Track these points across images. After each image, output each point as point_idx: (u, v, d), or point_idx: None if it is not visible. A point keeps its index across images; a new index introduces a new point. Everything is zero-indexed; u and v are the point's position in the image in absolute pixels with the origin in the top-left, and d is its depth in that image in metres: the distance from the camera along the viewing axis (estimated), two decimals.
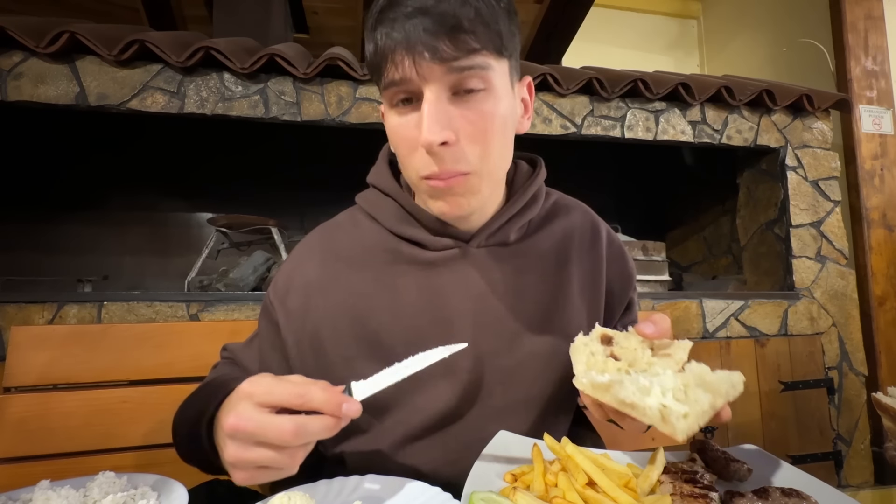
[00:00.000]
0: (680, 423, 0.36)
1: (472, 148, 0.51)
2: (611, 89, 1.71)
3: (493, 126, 0.51)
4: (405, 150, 0.52)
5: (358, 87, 1.56)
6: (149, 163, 2.07)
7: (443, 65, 0.47)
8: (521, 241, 0.63)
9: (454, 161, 0.50)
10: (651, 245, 1.92)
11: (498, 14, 0.50)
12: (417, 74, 0.47)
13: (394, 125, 0.53)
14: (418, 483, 0.45)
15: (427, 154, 0.50)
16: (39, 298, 1.27)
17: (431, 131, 0.47)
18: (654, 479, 0.45)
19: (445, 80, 0.48)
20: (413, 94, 0.50)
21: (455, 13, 0.46)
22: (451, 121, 0.49)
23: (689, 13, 3.32)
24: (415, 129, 0.50)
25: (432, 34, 0.46)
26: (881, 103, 2.12)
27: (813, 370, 1.77)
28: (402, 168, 0.57)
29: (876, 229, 2.02)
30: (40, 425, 0.82)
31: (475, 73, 0.49)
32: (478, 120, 0.50)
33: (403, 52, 0.47)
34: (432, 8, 0.46)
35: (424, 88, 0.48)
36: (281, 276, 0.64)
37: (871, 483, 1.78)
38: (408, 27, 0.46)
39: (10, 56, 1.33)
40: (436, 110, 0.48)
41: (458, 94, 0.50)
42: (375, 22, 0.49)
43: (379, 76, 0.51)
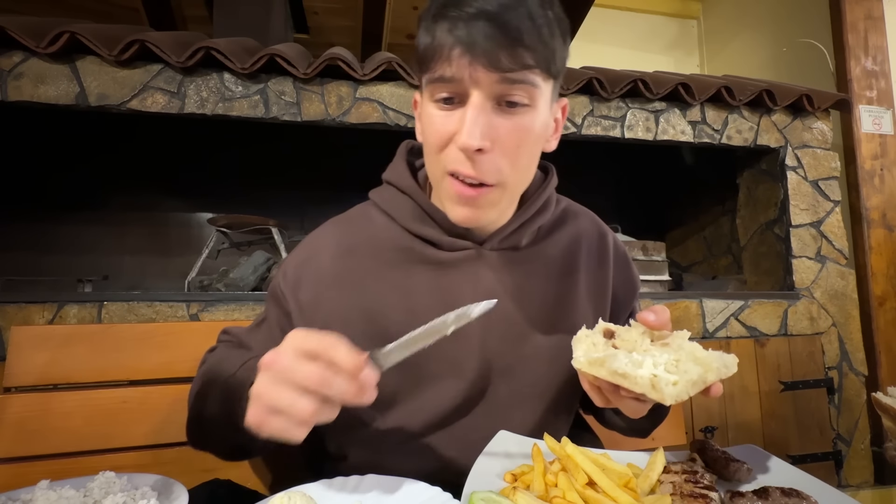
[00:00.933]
0: (668, 389, 0.39)
1: (503, 160, 0.52)
2: (611, 89, 1.71)
3: (526, 142, 0.53)
4: (438, 143, 0.53)
5: (358, 87, 1.56)
6: (149, 163, 2.07)
7: (496, 73, 0.48)
8: (532, 246, 0.64)
9: (483, 170, 0.51)
10: (651, 245, 1.92)
11: (556, 36, 0.51)
12: (470, 77, 0.48)
13: (432, 117, 0.53)
14: (418, 483, 0.45)
15: (461, 153, 0.51)
16: (39, 298, 1.27)
17: (472, 136, 0.48)
18: (654, 479, 0.45)
19: (494, 88, 0.49)
20: (458, 94, 0.50)
21: (518, 26, 0.47)
22: (490, 129, 0.50)
23: (689, 13, 3.32)
24: (453, 126, 0.51)
25: (493, 41, 0.47)
26: (881, 103, 2.12)
27: (813, 370, 1.77)
28: (428, 161, 0.57)
29: (876, 229, 2.02)
30: (40, 425, 0.82)
31: (523, 88, 0.50)
32: (514, 134, 0.51)
33: (462, 52, 0.48)
34: (496, 15, 0.47)
35: (472, 91, 0.49)
36: (291, 267, 0.64)
37: (870, 483, 1.78)
38: (471, 29, 0.47)
39: (10, 56, 1.33)
40: (480, 116, 0.49)
41: (501, 105, 0.50)
42: (437, 16, 0.50)
43: (427, 68, 0.51)
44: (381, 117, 1.57)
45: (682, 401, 0.40)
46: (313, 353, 0.40)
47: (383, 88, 1.58)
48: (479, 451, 0.49)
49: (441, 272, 0.60)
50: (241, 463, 0.91)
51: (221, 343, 0.68)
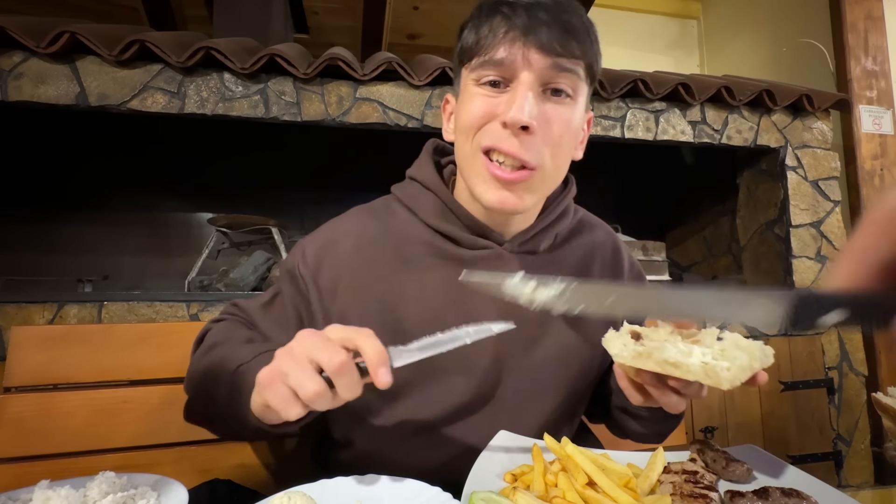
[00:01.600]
0: (724, 374, 0.39)
1: (544, 147, 0.53)
2: (611, 89, 1.71)
3: (567, 133, 0.54)
4: (479, 120, 0.53)
5: (358, 87, 1.56)
6: (149, 163, 2.07)
7: (548, 58, 0.50)
8: (549, 252, 0.66)
9: (525, 149, 0.52)
10: (651, 245, 1.92)
11: (596, 42, 0.55)
12: (523, 58, 0.50)
13: (474, 97, 0.54)
14: (418, 483, 0.45)
15: (503, 129, 0.51)
16: (40, 298, 1.27)
17: (522, 111, 0.50)
18: (654, 479, 0.45)
19: (544, 73, 0.51)
20: (506, 78, 0.52)
21: (570, 20, 0.51)
22: (538, 111, 0.51)
23: (689, 13, 3.32)
24: (497, 106, 0.52)
25: (548, 28, 0.49)
26: (881, 103, 2.12)
27: (813, 370, 1.77)
28: (461, 142, 0.57)
29: None
30: (40, 425, 0.82)
31: (569, 78, 0.52)
32: (558, 122, 0.53)
33: (518, 35, 0.50)
34: (551, 7, 0.51)
35: (522, 73, 0.51)
36: (312, 249, 0.63)
37: (870, 483, 1.78)
38: (528, 16, 0.50)
39: (10, 56, 1.33)
40: (530, 95, 0.50)
41: (546, 94, 0.52)
42: (490, 11, 0.53)
43: (475, 54, 0.53)
44: (381, 117, 1.57)
45: (735, 386, 0.40)
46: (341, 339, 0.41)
47: (383, 88, 1.58)
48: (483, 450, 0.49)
49: (459, 269, 0.61)
50: (241, 463, 0.91)
51: (229, 317, 0.66)
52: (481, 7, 0.54)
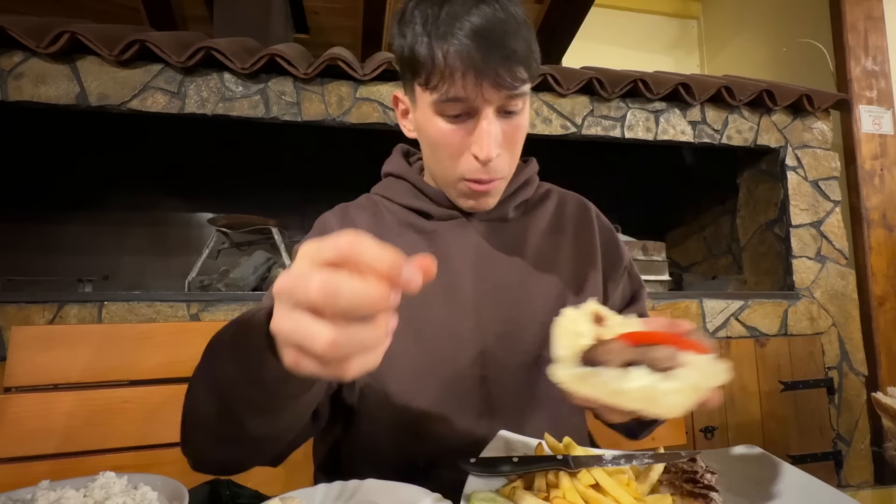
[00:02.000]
0: (669, 398, 0.35)
1: (506, 158, 0.60)
2: (611, 89, 1.71)
3: (521, 139, 0.61)
4: (450, 153, 0.59)
5: (358, 87, 1.56)
6: (149, 163, 2.07)
7: (501, 91, 0.54)
8: (519, 219, 0.70)
9: (495, 170, 0.59)
10: (651, 245, 1.92)
11: (533, 41, 0.56)
12: (482, 97, 0.54)
13: (443, 131, 0.57)
14: (417, 488, 0.45)
15: (475, 162, 0.57)
16: (40, 298, 1.27)
17: (491, 148, 0.56)
18: (655, 479, 0.45)
19: (500, 102, 0.55)
20: (466, 110, 0.56)
21: (512, 46, 0.52)
22: (499, 137, 0.57)
23: (689, 13, 3.32)
24: (464, 137, 0.57)
25: (497, 65, 0.52)
26: (881, 103, 2.12)
27: (813, 370, 1.77)
28: (439, 167, 0.62)
29: (876, 229, 2.02)
30: (41, 425, 0.82)
31: (521, 98, 0.57)
32: (514, 135, 0.59)
33: (472, 75, 0.52)
34: (492, 35, 0.51)
35: (483, 108, 0.55)
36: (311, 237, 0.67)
37: (871, 483, 1.78)
38: (474, 52, 0.51)
39: (10, 56, 1.33)
40: (493, 129, 0.56)
41: (501, 114, 0.57)
42: (433, 33, 0.53)
43: (430, 84, 0.55)
44: (382, 117, 1.57)
45: (682, 413, 0.35)
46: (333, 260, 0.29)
47: (383, 88, 1.58)
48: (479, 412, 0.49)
49: (432, 238, 0.66)
50: None
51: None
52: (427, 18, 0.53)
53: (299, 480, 0.47)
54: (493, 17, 0.51)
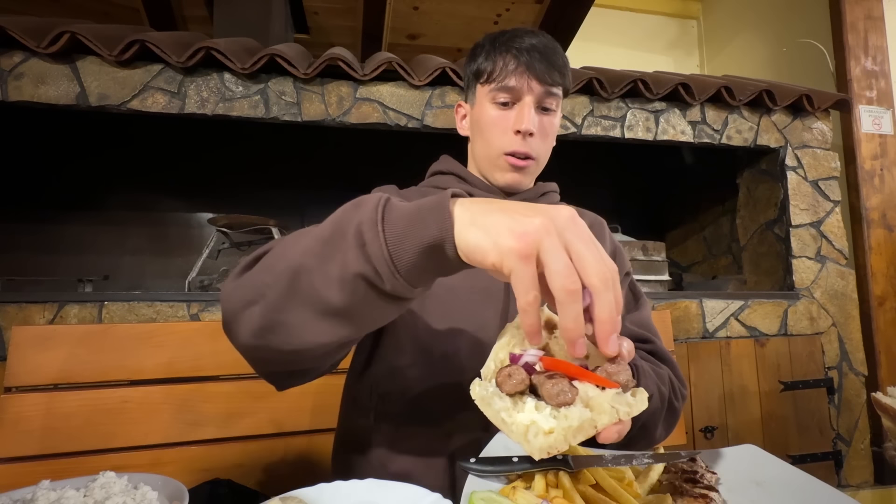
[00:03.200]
0: (537, 440, 0.33)
1: (540, 143, 0.74)
2: (611, 89, 1.71)
3: (553, 133, 0.77)
4: (498, 132, 0.74)
5: (358, 87, 1.56)
6: (149, 163, 2.07)
7: (543, 86, 0.71)
8: None
9: (531, 147, 0.73)
10: (651, 245, 1.92)
11: (569, 73, 0.75)
12: (526, 86, 0.71)
13: (493, 116, 0.74)
14: (418, 488, 0.45)
15: (516, 136, 0.72)
16: (40, 298, 1.27)
17: (532, 123, 0.71)
18: (654, 479, 0.45)
19: (539, 95, 0.72)
20: (513, 99, 0.72)
21: (554, 59, 0.72)
22: (537, 121, 0.73)
23: (689, 13, 3.32)
24: (510, 120, 0.73)
25: (543, 65, 0.71)
26: (881, 103, 2.12)
27: (813, 370, 1.77)
28: (485, 146, 0.76)
29: (876, 229, 2.02)
30: (41, 425, 0.83)
31: (555, 98, 0.73)
32: (548, 127, 0.75)
33: (523, 70, 0.71)
34: (541, 49, 0.71)
35: (526, 96, 0.72)
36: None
37: (870, 483, 1.78)
38: (528, 57, 0.71)
39: (10, 56, 1.33)
40: (533, 112, 0.72)
41: (538, 109, 0.73)
42: (499, 48, 0.73)
43: (490, 80, 0.73)
44: (382, 117, 1.57)
45: (553, 454, 0.33)
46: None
47: (383, 88, 1.58)
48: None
49: None
50: (241, 463, 0.91)
51: None
52: (495, 41, 0.74)
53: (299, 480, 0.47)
54: (541, 41, 0.72)
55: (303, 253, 0.41)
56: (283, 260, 0.43)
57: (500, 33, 0.75)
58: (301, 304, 0.41)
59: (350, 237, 0.38)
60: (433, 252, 0.37)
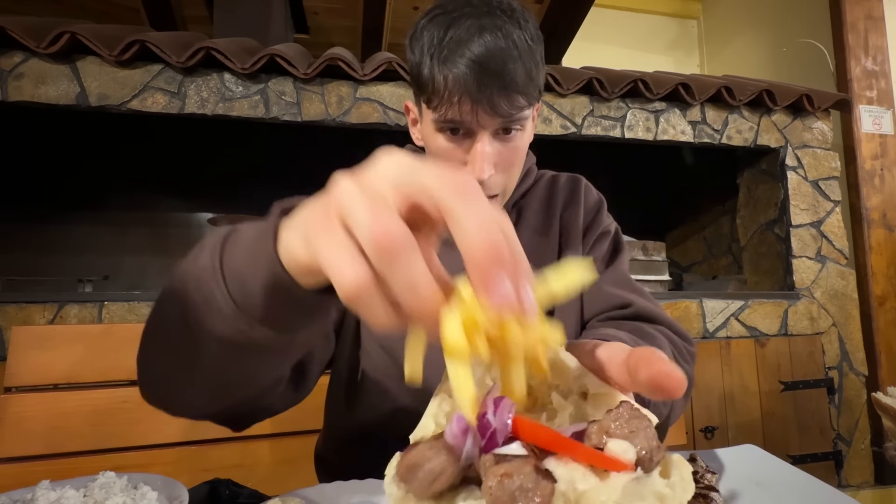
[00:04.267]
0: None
1: (502, 177, 0.60)
2: (611, 89, 1.71)
3: (520, 158, 0.62)
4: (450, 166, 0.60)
5: (358, 87, 1.56)
6: (149, 163, 2.07)
7: (496, 118, 0.55)
8: (514, 207, 0.72)
9: (489, 188, 0.59)
10: (651, 245, 1.92)
11: (539, 66, 0.57)
12: (477, 122, 0.56)
13: (442, 147, 0.60)
14: None
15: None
16: (40, 298, 1.27)
17: (484, 171, 0.56)
18: None
19: (497, 126, 0.57)
20: (464, 130, 0.58)
21: (512, 76, 0.53)
22: (494, 157, 0.58)
23: (689, 13, 3.32)
24: (461, 154, 0.59)
25: (493, 93, 0.53)
26: (881, 103, 2.12)
27: (813, 370, 1.77)
28: None
29: (876, 229, 2.02)
30: (41, 425, 0.83)
31: (519, 122, 0.58)
32: (511, 155, 0.60)
33: (468, 102, 0.54)
34: (492, 64, 0.52)
35: (479, 132, 0.57)
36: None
37: (871, 483, 1.78)
38: (471, 80, 0.52)
39: (10, 56, 1.33)
40: (488, 150, 0.57)
41: (499, 134, 0.58)
42: (436, 57, 0.54)
43: (430, 104, 0.57)
44: (382, 117, 1.57)
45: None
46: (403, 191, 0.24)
47: (383, 88, 1.58)
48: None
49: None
50: (241, 463, 0.91)
51: None
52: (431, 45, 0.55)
53: (299, 480, 0.47)
54: (494, 46, 0.52)
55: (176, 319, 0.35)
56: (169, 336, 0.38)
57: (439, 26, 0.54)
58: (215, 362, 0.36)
59: (196, 295, 0.33)
60: (277, 291, 0.30)
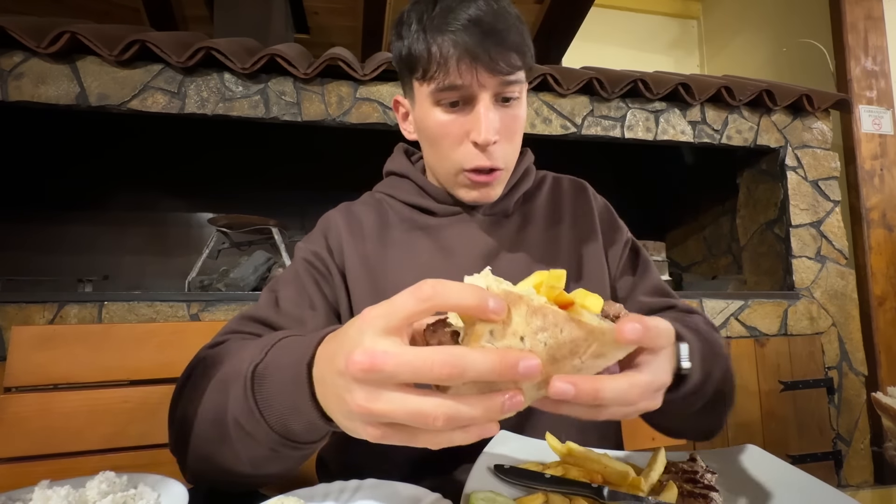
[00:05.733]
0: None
1: (507, 146, 0.60)
2: (611, 89, 1.71)
3: (520, 128, 0.62)
4: (450, 143, 0.59)
5: (358, 87, 1.56)
6: (149, 163, 2.07)
7: (497, 77, 0.55)
8: (519, 210, 0.71)
9: (496, 157, 0.59)
10: (651, 245, 1.92)
11: (527, 34, 0.58)
12: (477, 82, 0.55)
13: (441, 122, 0.58)
14: (418, 488, 0.45)
15: (474, 149, 0.58)
16: (40, 298, 1.27)
17: (490, 132, 0.56)
18: (655, 478, 0.45)
19: (496, 89, 0.56)
20: (464, 98, 0.57)
21: (505, 34, 0.54)
22: (497, 123, 0.57)
23: (689, 13, 3.32)
24: (464, 126, 0.58)
25: (490, 50, 0.53)
26: (881, 103, 2.12)
27: (813, 370, 1.77)
28: (439, 160, 0.62)
29: (876, 229, 2.02)
30: (41, 425, 0.82)
31: (517, 86, 0.57)
32: (512, 124, 0.59)
33: (467, 62, 0.54)
34: (485, 24, 0.53)
35: (480, 94, 0.56)
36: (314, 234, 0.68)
37: (870, 483, 1.78)
38: (468, 39, 0.53)
39: (10, 56, 1.33)
40: (491, 114, 0.56)
41: (499, 102, 0.58)
42: (428, 27, 0.55)
43: (427, 76, 0.56)
44: (382, 117, 1.57)
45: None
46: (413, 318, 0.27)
47: (383, 88, 1.58)
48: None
49: (438, 234, 0.66)
50: None
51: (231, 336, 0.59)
52: (422, 17, 0.55)
53: (299, 480, 0.47)
54: (487, 9, 0.54)
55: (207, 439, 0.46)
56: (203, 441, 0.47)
57: (427, 2, 0.56)
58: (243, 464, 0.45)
59: (232, 430, 0.41)
60: (318, 427, 0.36)
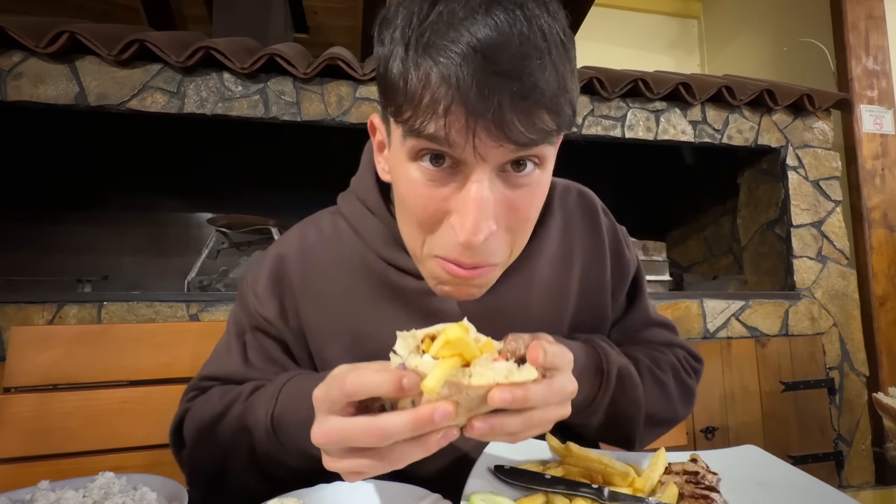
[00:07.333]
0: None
1: (509, 237, 0.41)
2: (611, 89, 1.71)
3: (536, 210, 0.42)
4: (422, 219, 0.40)
5: (358, 87, 1.56)
6: (149, 163, 2.07)
7: (507, 145, 0.35)
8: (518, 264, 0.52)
9: (486, 254, 0.40)
10: (651, 245, 1.91)
11: (569, 75, 0.37)
12: (473, 149, 0.35)
13: (415, 184, 0.39)
14: (417, 488, 0.45)
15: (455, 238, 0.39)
16: (39, 298, 1.27)
17: (479, 229, 0.37)
18: (656, 479, 0.45)
19: (503, 158, 0.37)
20: (453, 158, 0.37)
21: (533, 78, 0.33)
22: (496, 207, 0.38)
23: (689, 13, 3.32)
24: (445, 200, 0.38)
25: (504, 101, 0.33)
26: (882, 103, 2.11)
27: (814, 370, 1.76)
28: (408, 232, 0.44)
29: (877, 229, 2.02)
30: (40, 425, 0.82)
31: (538, 152, 0.38)
32: (523, 206, 0.40)
33: (461, 114, 0.34)
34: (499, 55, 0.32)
35: (475, 165, 0.36)
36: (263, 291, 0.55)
37: (871, 483, 1.77)
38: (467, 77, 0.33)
39: (9, 56, 1.33)
40: (486, 201, 0.37)
41: (505, 171, 0.38)
42: (413, 43, 0.35)
43: (403, 110, 0.36)
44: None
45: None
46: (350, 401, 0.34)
47: None
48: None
49: (425, 300, 0.52)
50: None
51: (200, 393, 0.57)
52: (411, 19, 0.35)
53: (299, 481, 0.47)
54: (509, 31, 0.33)
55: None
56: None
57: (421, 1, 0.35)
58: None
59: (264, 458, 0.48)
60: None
